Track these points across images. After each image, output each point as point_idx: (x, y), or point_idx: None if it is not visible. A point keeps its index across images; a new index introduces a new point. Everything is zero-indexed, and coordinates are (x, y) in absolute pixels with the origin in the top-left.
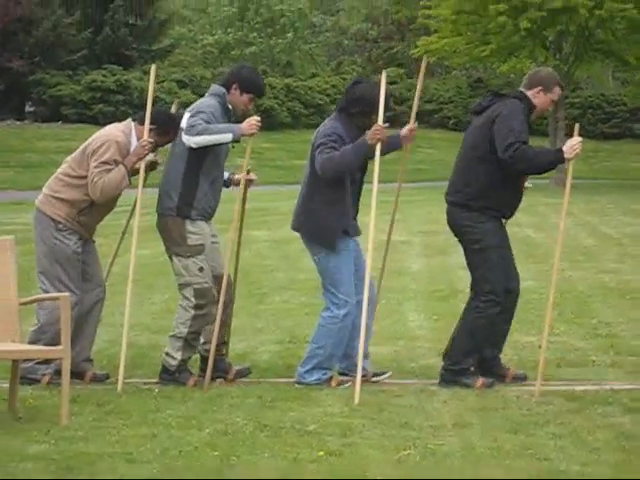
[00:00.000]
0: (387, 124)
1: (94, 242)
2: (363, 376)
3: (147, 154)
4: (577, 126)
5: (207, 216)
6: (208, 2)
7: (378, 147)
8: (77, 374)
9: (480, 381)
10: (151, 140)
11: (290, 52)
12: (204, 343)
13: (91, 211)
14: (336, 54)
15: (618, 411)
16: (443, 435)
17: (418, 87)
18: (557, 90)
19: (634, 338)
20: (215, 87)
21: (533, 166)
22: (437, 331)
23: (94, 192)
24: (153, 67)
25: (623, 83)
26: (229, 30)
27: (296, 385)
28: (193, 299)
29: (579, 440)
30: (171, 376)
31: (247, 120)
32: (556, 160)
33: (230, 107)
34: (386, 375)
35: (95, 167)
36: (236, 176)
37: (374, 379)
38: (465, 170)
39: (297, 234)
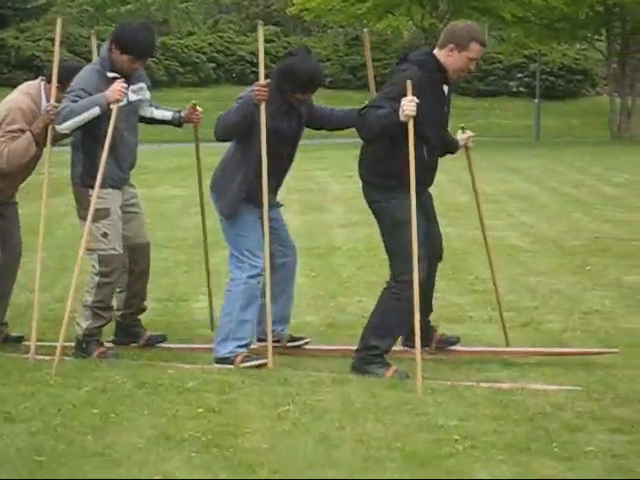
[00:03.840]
0: (268, 80)
1: (15, 204)
2: (277, 341)
3: (52, 119)
4: (409, 83)
5: (113, 184)
6: None
7: None
8: None
9: (391, 371)
10: (56, 104)
11: (166, 10)
12: (118, 309)
13: (7, 177)
14: (213, 12)
15: (495, 367)
16: (322, 391)
17: (367, 60)
18: (474, 46)
19: (509, 293)
20: (101, 50)
21: (372, 129)
22: (314, 288)
23: (1, 162)
24: (59, 20)
25: (499, 41)
26: None
27: (214, 364)
28: (97, 266)
29: (457, 395)
30: (79, 345)
31: (111, 87)
32: (390, 122)
33: (115, 74)
34: (304, 341)
35: (0, 137)
36: (182, 113)
37: (289, 344)
38: (364, 146)
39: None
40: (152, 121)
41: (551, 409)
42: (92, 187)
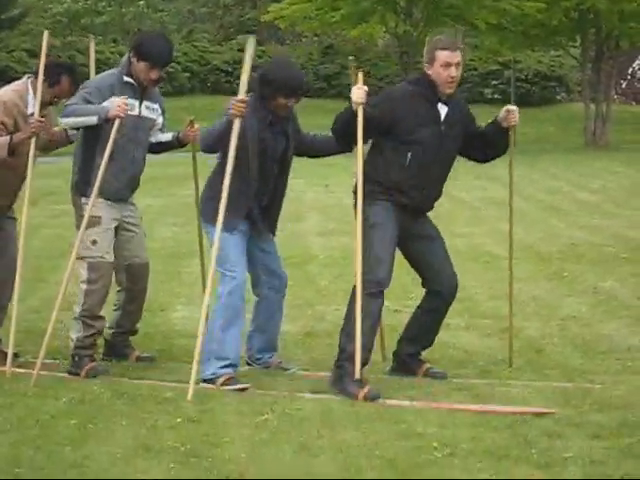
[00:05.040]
0: (247, 97)
1: (14, 219)
2: (266, 368)
3: (35, 133)
4: (360, 75)
5: (109, 196)
6: None
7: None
8: None
9: (363, 392)
10: (41, 120)
11: (140, 20)
12: (110, 327)
13: None
14: (188, 22)
15: (472, 373)
16: (300, 400)
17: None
18: (440, 55)
19: (488, 300)
20: (123, 58)
21: (335, 128)
22: (291, 297)
23: None
24: (46, 33)
25: (473, 48)
26: None
27: (201, 383)
28: (85, 273)
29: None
30: (72, 359)
31: (115, 101)
32: (346, 115)
33: (131, 79)
34: (293, 370)
35: None
36: (181, 133)
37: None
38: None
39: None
40: (158, 147)
41: (529, 415)
42: (85, 195)
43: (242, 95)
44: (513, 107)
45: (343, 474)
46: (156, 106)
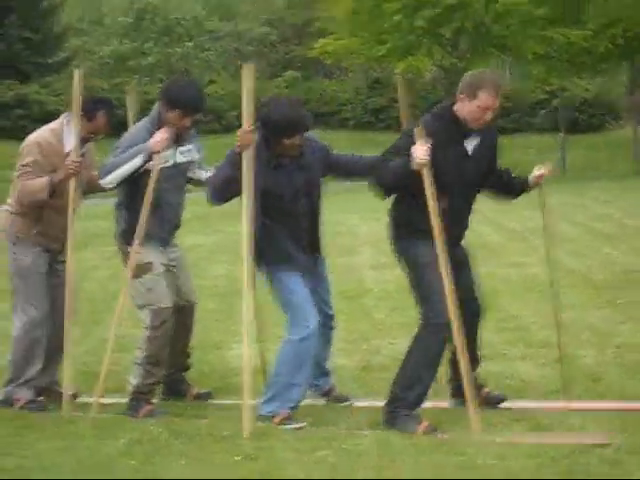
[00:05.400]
0: (253, 127)
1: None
2: (326, 394)
3: (72, 174)
4: (418, 129)
5: (153, 242)
6: (103, 13)
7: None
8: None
9: (422, 427)
10: (78, 160)
11: (187, 60)
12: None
13: (44, 220)
14: (235, 60)
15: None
16: (358, 435)
17: (402, 103)
18: (483, 95)
19: (542, 329)
20: (153, 109)
21: (386, 182)
22: (346, 330)
23: (15, 197)
24: (76, 72)
25: (521, 77)
26: (124, 41)
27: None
28: (147, 320)
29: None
30: (130, 403)
31: (154, 136)
32: (403, 172)
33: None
34: (347, 403)
35: (17, 171)
36: None
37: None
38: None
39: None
40: (200, 183)
41: (588, 445)
42: (130, 245)
43: (246, 125)
44: (545, 169)
45: None
46: (190, 147)
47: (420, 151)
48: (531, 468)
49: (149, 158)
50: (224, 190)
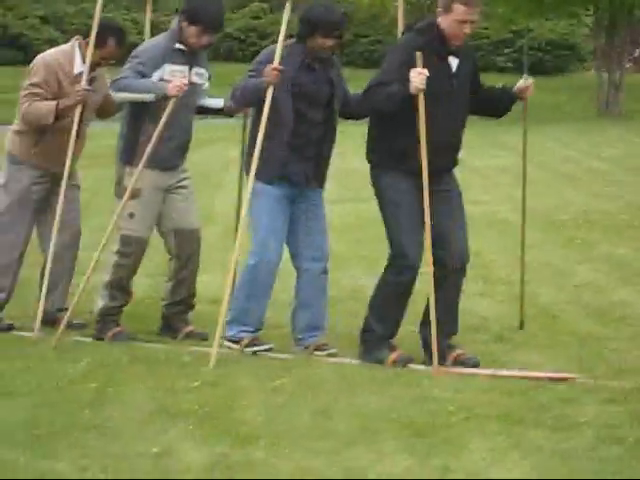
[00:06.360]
0: (282, 68)
1: (77, 187)
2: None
3: (80, 101)
4: (418, 55)
5: (157, 165)
6: None
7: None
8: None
9: (394, 355)
10: (88, 87)
11: None
12: (163, 299)
13: (42, 136)
14: None
15: (487, 339)
16: (318, 364)
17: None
18: (458, 9)
19: (502, 267)
20: (172, 23)
21: (383, 107)
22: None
23: (19, 116)
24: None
25: (486, 17)
26: None
27: (225, 341)
28: (118, 244)
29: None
30: (96, 325)
31: (174, 81)
32: (401, 98)
33: (182, 46)
34: (328, 352)
35: (23, 89)
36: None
37: (316, 352)
38: (368, 122)
39: None
40: (203, 110)
41: (544, 381)
42: (131, 164)
43: (277, 63)
44: (531, 80)
45: (360, 436)
46: (203, 71)
47: (419, 77)
48: (485, 401)
49: (162, 99)
50: (248, 100)
